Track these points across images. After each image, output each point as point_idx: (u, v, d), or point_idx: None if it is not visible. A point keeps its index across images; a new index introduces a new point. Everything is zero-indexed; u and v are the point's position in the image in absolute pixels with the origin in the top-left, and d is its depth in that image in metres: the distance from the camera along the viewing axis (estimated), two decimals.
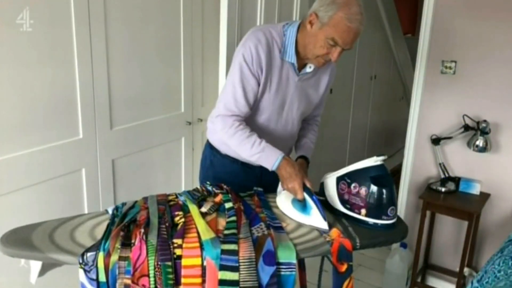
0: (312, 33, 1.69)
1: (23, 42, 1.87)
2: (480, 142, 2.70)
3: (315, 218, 1.59)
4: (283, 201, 1.73)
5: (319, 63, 1.77)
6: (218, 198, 1.70)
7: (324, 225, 1.57)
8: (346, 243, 1.51)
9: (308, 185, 1.67)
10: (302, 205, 1.65)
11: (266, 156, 1.74)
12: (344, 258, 1.51)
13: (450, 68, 2.86)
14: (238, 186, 1.86)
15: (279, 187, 1.80)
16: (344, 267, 1.51)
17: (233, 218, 1.54)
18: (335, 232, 1.55)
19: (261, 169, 1.85)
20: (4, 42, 1.80)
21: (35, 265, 1.49)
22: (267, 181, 1.90)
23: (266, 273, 1.40)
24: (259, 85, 1.77)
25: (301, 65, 1.83)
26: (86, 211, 2.28)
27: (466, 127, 2.76)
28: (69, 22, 2.03)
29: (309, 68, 1.83)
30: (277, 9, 2.74)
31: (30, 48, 1.90)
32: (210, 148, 2.03)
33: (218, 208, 1.65)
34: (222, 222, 1.56)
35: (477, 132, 2.71)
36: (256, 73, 1.74)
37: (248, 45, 1.73)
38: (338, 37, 1.64)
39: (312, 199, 1.61)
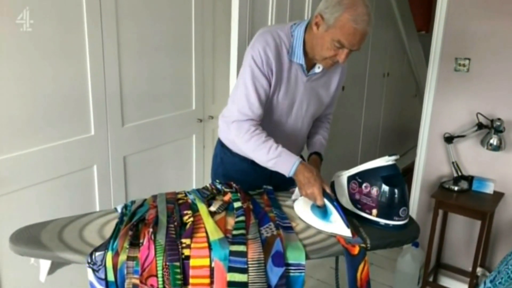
0: (319, 35, 1.67)
1: (32, 40, 1.87)
2: (494, 141, 2.66)
3: (338, 225, 1.53)
4: (302, 208, 1.67)
5: (327, 64, 1.75)
6: (227, 197, 1.69)
7: (347, 232, 1.52)
8: None
9: (327, 190, 1.61)
10: (322, 212, 1.59)
11: (282, 162, 1.69)
12: (353, 240, 1.49)
13: (464, 65, 2.82)
14: (248, 185, 1.85)
15: (295, 193, 1.77)
16: (356, 249, 1.49)
17: (242, 218, 1.53)
18: None
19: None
20: (9, 40, 1.80)
21: (45, 264, 1.49)
22: (277, 180, 1.89)
23: (275, 274, 1.39)
24: (270, 86, 1.76)
25: (310, 65, 1.82)
26: (97, 208, 2.29)
27: (480, 125, 2.72)
28: (81, 20, 2.04)
29: (318, 69, 1.82)
30: (289, 6, 2.72)
31: (39, 46, 1.90)
32: (221, 146, 2.02)
33: (227, 207, 1.64)
34: (231, 222, 1.55)
35: (491, 130, 2.67)
36: (267, 74, 1.73)
37: (257, 47, 1.72)
38: (344, 39, 1.62)
39: (333, 205, 1.55)
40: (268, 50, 1.71)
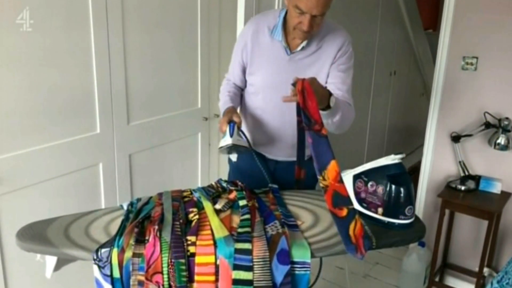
0: (288, 6, 1.77)
1: (32, 40, 1.87)
2: (501, 140, 2.65)
3: (226, 138, 1.74)
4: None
5: (298, 35, 1.80)
6: (232, 195, 1.69)
7: (228, 140, 1.72)
8: (341, 189, 1.43)
9: (234, 118, 1.77)
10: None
11: (222, 108, 1.91)
12: (341, 203, 1.44)
13: (472, 64, 2.81)
14: (251, 177, 1.91)
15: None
16: (344, 212, 1.44)
17: (247, 216, 1.53)
18: (331, 173, 1.44)
19: (275, 165, 1.98)
20: (9, 40, 1.80)
21: (51, 260, 1.50)
22: (280, 177, 1.95)
23: (280, 272, 1.38)
24: (243, 59, 1.94)
25: (295, 46, 1.87)
26: (103, 206, 2.29)
27: (487, 125, 2.70)
28: (87, 19, 2.04)
29: (300, 47, 1.85)
30: None
31: (40, 46, 1.90)
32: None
33: (232, 205, 1.64)
34: (236, 220, 1.55)
35: (498, 129, 2.65)
36: (242, 49, 1.92)
37: (243, 27, 1.98)
38: (300, 3, 1.68)
39: (229, 125, 1.76)
40: (248, 28, 1.91)
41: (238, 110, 2.01)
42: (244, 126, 2.02)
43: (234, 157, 2.01)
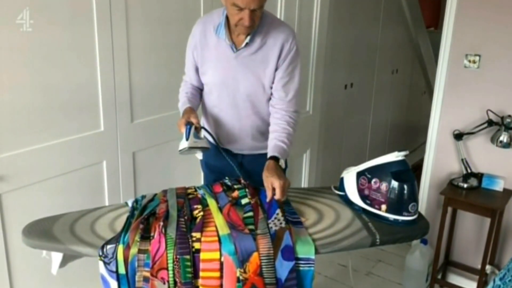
0: (226, 5, 1.78)
1: (33, 40, 1.87)
2: (504, 138, 2.65)
3: (183, 141, 1.76)
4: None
5: (241, 31, 1.81)
6: (235, 193, 1.70)
7: (184, 144, 1.74)
8: (259, 283, 1.39)
9: (192, 119, 1.80)
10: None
11: (181, 110, 1.94)
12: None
13: (474, 62, 2.81)
14: (223, 172, 1.94)
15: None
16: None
17: (250, 213, 1.54)
18: (252, 266, 1.40)
19: (242, 158, 2.05)
20: (9, 40, 1.81)
21: (56, 257, 1.51)
22: (249, 169, 2.00)
23: (284, 268, 1.39)
24: (194, 57, 1.99)
25: (240, 42, 1.88)
26: (106, 203, 2.30)
27: (490, 122, 2.71)
28: (90, 18, 2.04)
29: (244, 44, 1.86)
30: (297, 10, 2.73)
31: (41, 46, 1.90)
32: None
33: (235, 203, 1.64)
34: (240, 215, 1.56)
35: (501, 127, 2.66)
36: (192, 48, 1.98)
37: (192, 28, 2.00)
38: (236, 1, 1.69)
39: (186, 127, 1.78)
40: (196, 28, 1.97)
41: (200, 110, 2.06)
42: (206, 125, 2.06)
43: (199, 155, 2.01)
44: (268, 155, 1.78)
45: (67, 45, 1.99)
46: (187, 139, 1.76)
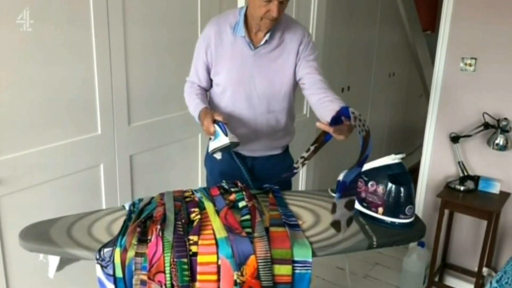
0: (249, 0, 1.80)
1: (32, 40, 1.87)
2: (500, 141, 2.66)
3: (220, 138, 1.73)
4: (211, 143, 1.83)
5: (266, 24, 1.81)
6: (232, 197, 1.70)
7: (225, 139, 1.71)
8: (256, 285, 1.39)
9: (217, 117, 1.76)
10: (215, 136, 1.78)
11: (195, 110, 1.92)
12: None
13: (470, 65, 2.82)
14: (231, 177, 1.91)
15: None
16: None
17: (247, 216, 1.54)
18: (249, 269, 1.40)
19: (252, 161, 2.04)
20: (9, 40, 1.81)
21: (53, 260, 1.50)
22: (259, 173, 2.01)
23: (353, 172, 1.47)
24: (207, 58, 1.95)
25: (258, 40, 1.90)
26: (104, 207, 2.30)
27: (486, 125, 2.72)
28: (88, 19, 2.04)
29: (263, 41, 1.88)
30: (294, 9, 2.73)
31: (40, 46, 1.90)
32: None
33: (232, 206, 1.65)
34: (237, 218, 1.56)
35: (497, 130, 2.67)
36: (205, 48, 1.93)
37: (204, 29, 1.97)
38: None
39: (218, 125, 1.74)
40: (210, 28, 1.93)
41: None
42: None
43: (218, 155, 1.97)
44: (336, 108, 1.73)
45: (66, 46, 1.99)
46: (226, 135, 1.72)
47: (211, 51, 1.93)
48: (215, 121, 1.75)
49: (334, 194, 1.83)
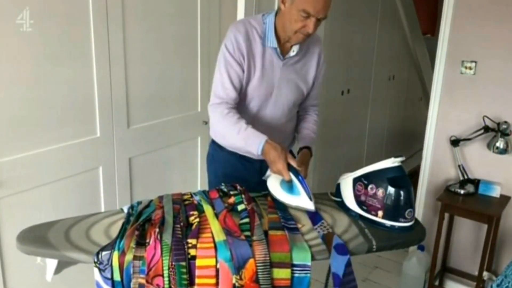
0: (286, 11, 1.76)
1: (32, 41, 1.87)
2: (500, 144, 2.65)
3: (302, 199, 1.60)
4: (273, 184, 1.73)
5: (299, 38, 1.80)
6: (231, 199, 1.69)
7: (310, 205, 1.58)
8: None
9: (293, 164, 1.67)
10: (289, 186, 1.65)
11: (251, 142, 1.76)
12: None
13: (470, 68, 2.82)
14: (239, 179, 1.88)
15: (268, 171, 1.84)
16: None
17: (246, 219, 1.53)
18: (248, 273, 1.38)
19: (261, 163, 1.95)
20: (9, 40, 1.81)
21: (51, 263, 1.50)
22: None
23: (340, 262, 1.43)
24: (243, 71, 1.85)
25: (285, 50, 1.89)
26: (102, 209, 2.29)
27: (486, 129, 2.71)
28: (87, 21, 2.05)
29: (292, 52, 1.88)
30: None
31: (40, 47, 1.90)
32: (212, 143, 2.10)
33: (231, 209, 1.64)
34: (236, 221, 1.55)
35: (497, 133, 2.66)
36: (239, 59, 1.83)
37: (229, 36, 1.84)
38: (308, 7, 1.69)
39: (298, 180, 1.61)
40: (239, 36, 1.82)
41: None
42: None
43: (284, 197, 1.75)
44: (303, 145, 2.00)
45: (64, 47, 1.99)
46: (309, 196, 1.58)
47: (244, 62, 1.84)
48: (290, 167, 1.66)
49: (334, 198, 1.83)
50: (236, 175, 1.96)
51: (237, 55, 1.82)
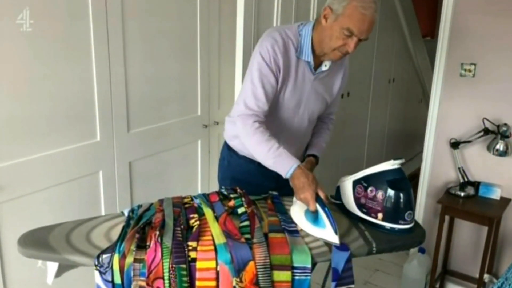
0: (327, 26, 1.71)
1: (32, 41, 1.86)
2: (500, 146, 2.66)
3: (327, 232, 1.52)
4: (297, 212, 1.66)
5: (336, 56, 1.77)
6: (231, 203, 1.69)
7: (335, 239, 1.49)
8: None
9: (322, 196, 1.60)
10: (314, 217, 1.58)
11: (281, 163, 1.70)
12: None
13: (470, 70, 2.82)
14: (256, 186, 1.87)
15: (295, 197, 1.77)
16: None
17: (246, 222, 1.53)
18: (248, 275, 1.38)
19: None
20: (9, 41, 1.81)
21: (52, 266, 1.50)
22: (284, 181, 1.90)
23: (341, 258, 1.46)
24: (277, 83, 1.79)
25: (317, 64, 1.86)
26: (103, 213, 2.29)
27: (486, 131, 2.71)
28: (87, 23, 2.04)
29: (324, 67, 1.86)
30: (294, 7, 2.74)
31: (40, 47, 1.89)
32: (227, 149, 2.05)
33: (231, 212, 1.64)
34: (237, 225, 1.55)
35: (497, 135, 2.66)
36: (275, 71, 1.77)
37: (265, 45, 1.76)
38: (353, 26, 1.66)
39: (324, 211, 1.54)
40: (276, 47, 1.75)
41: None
42: None
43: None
44: (310, 152, 2.04)
45: (64, 48, 1.99)
46: (335, 230, 1.50)
47: (278, 72, 1.79)
48: (317, 198, 1.60)
49: (333, 200, 1.83)
50: (254, 182, 1.95)
51: (273, 66, 1.76)
